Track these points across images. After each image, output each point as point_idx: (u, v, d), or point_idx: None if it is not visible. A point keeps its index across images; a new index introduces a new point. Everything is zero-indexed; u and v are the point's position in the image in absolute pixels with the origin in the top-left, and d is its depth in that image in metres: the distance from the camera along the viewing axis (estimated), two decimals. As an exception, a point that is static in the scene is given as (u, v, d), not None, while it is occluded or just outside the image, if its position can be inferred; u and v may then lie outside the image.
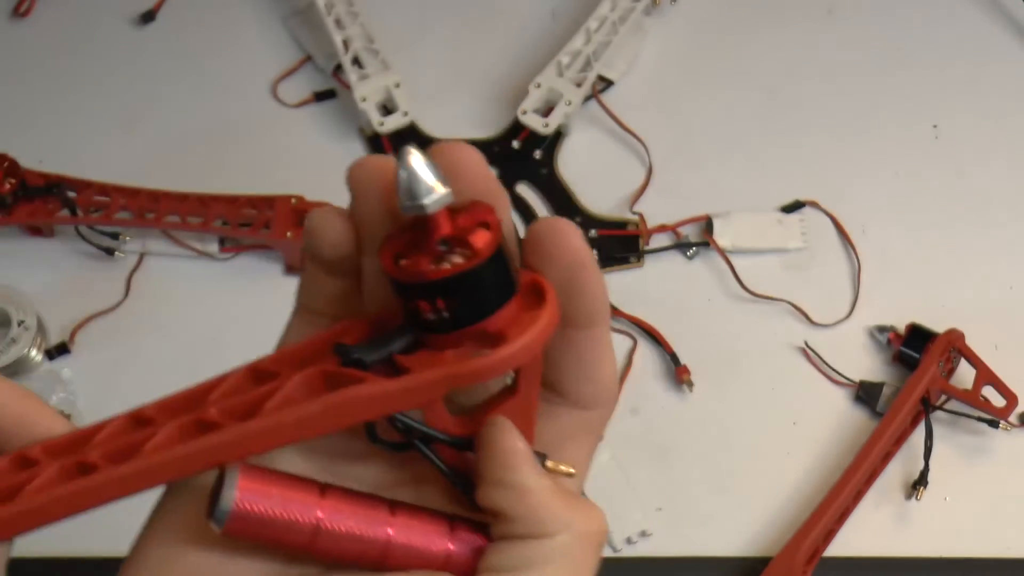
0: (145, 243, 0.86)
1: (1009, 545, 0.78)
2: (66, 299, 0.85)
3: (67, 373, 0.83)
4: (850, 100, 0.94)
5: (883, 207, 0.89)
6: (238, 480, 0.35)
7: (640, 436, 0.81)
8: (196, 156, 0.91)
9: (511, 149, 0.91)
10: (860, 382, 0.82)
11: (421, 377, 0.34)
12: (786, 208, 0.89)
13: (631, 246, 0.88)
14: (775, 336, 0.85)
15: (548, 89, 0.89)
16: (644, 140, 0.91)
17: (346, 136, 0.92)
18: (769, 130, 0.93)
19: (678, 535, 0.79)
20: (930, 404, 0.79)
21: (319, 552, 0.35)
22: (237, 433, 0.35)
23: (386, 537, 0.35)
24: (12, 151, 0.83)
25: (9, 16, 0.97)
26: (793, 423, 0.82)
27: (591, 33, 0.91)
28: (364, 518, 0.35)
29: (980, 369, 0.79)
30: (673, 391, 0.83)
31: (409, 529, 0.35)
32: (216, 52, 0.96)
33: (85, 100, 0.94)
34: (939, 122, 0.93)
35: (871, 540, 0.78)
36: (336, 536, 0.35)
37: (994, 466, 0.80)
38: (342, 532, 0.35)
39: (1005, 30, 0.97)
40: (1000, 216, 0.89)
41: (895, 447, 0.79)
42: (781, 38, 0.97)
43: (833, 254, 0.88)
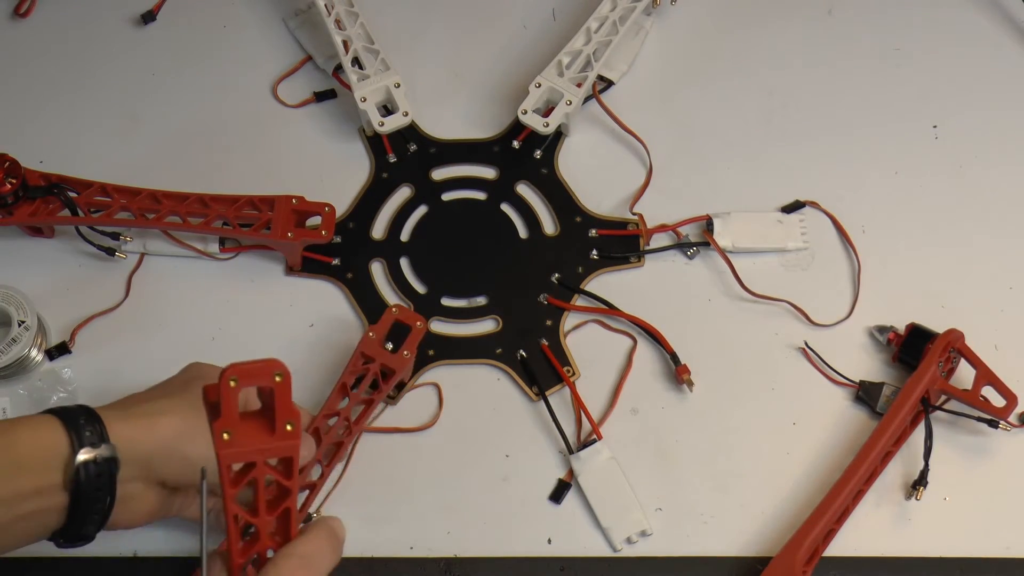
0: (146, 243, 0.87)
1: (1009, 545, 0.78)
2: (66, 299, 0.85)
3: (67, 373, 0.83)
4: (850, 100, 0.94)
5: (883, 207, 0.89)
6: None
7: (640, 436, 0.82)
8: (196, 156, 0.91)
9: (511, 149, 0.91)
10: (860, 382, 0.82)
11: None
12: (786, 208, 0.89)
13: (631, 246, 0.88)
14: (775, 336, 0.85)
15: (548, 89, 0.89)
16: (644, 140, 0.91)
17: (346, 136, 0.92)
18: (769, 130, 0.93)
19: (678, 535, 0.79)
20: (930, 404, 0.79)
21: None
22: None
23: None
24: (12, 151, 0.83)
25: (9, 16, 0.98)
26: (793, 423, 0.82)
27: (591, 33, 0.91)
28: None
29: (980, 369, 0.79)
30: (673, 391, 0.83)
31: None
32: (216, 52, 0.96)
33: (85, 100, 0.94)
34: (939, 122, 0.93)
35: (871, 540, 0.78)
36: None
37: (994, 466, 0.81)
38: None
39: (1005, 30, 0.97)
40: (1000, 216, 0.89)
41: (895, 447, 0.79)
42: (781, 38, 0.97)
43: (833, 254, 0.88)
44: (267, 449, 0.54)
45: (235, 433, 0.53)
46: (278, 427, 0.54)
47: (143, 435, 0.66)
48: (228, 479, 0.55)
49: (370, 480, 0.80)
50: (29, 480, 0.62)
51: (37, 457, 0.63)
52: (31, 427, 0.64)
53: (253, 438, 0.54)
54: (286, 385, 0.53)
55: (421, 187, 0.90)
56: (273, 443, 0.54)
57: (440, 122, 0.93)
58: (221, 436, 0.53)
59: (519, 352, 0.84)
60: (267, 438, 0.54)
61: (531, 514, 0.79)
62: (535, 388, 0.83)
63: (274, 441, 0.54)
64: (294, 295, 0.86)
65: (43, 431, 0.63)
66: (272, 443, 0.54)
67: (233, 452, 0.53)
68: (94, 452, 0.63)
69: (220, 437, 0.53)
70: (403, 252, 0.88)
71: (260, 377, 0.52)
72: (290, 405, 0.54)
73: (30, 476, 0.62)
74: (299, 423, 0.54)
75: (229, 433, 0.53)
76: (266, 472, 0.55)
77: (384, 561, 0.78)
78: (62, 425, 0.63)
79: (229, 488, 0.55)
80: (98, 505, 0.64)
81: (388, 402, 0.82)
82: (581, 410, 0.82)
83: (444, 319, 0.86)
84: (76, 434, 0.63)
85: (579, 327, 0.85)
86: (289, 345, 0.84)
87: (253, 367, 0.52)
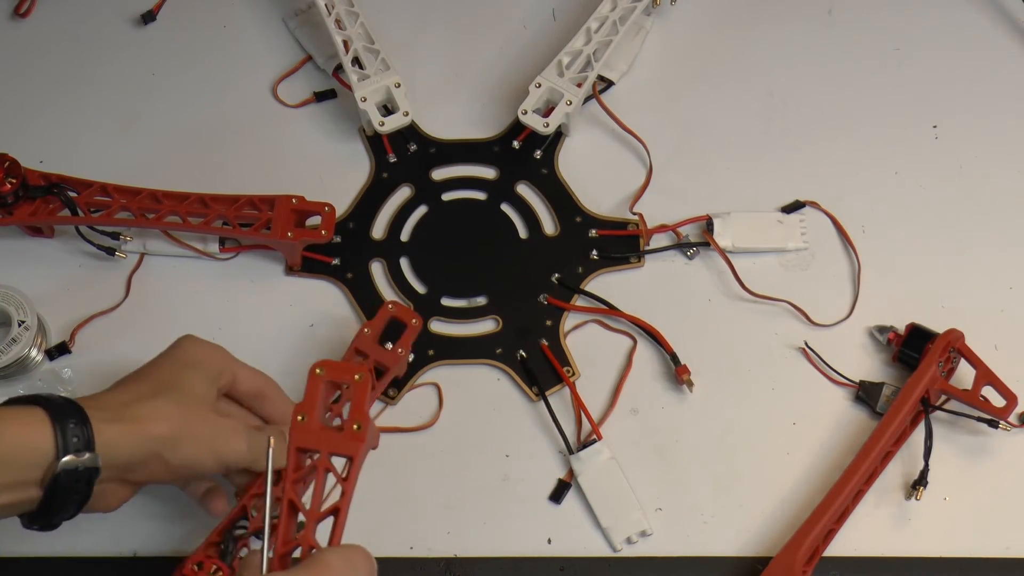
0: (146, 243, 0.87)
1: (1009, 545, 0.78)
2: (66, 299, 0.85)
3: (67, 373, 0.83)
4: (850, 100, 0.94)
5: (883, 207, 0.89)
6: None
7: (640, 436, 0.82)
8: (196, 156, 0.91)
9: (511, 149, 0.91)
10: (860, 382, 0.82)
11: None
12: (786, 208, 0.89)
13: (631, 246, 0.88)
14: (775, 336, 0.85)
15: (548, 89, 0.89)
16: (644, 140, 0.91)
17: (346, 136, 0.92)
18: (769, 130, 0.93)
19: (678, 535, 0.79)
20: (930, 404, 0.79)
21: None
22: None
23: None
24: (13, 151, 0.83)
25: (9, 16, 0.98)
26: (793, 423, 0.82)
27: (591, 33, 0.91)
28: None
29: (980, 369, 0.79)
30: (673, 391, 0.83)
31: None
32: (216, 52, 0.96)
33: (85, 100, 0.94)
34: (939, 122, 0.93)
35: (871, 540, 0.78)
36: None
37: (994, 466, 0.81)
38: None
39: (1005, 30, 0.97)
40: (1000, 216, 0.89)
41: (895, 447, 0.79)
42: (781, 38, 0.97)
43: (833, 254, 0.88)
44: (334, 442, 0.57)
45: (309, 420, 0.57)
46: (347, 426, 0.57)
47: (129, 441, 0.66)
48: (294, 461, 0.57)
49: (370, 480, 0.79)
50: (7, 474, 0.62)
51: (20, 455, 0.63)
52: (18, 421, 0.63)
53: (324, 430, 0.57)
54: (364, 386, 0.57)
55: (421, 187, 0.90)
56: (341, 439, 0.57)
57: (440, 122, 0.93)
58: (297, 418, 0.57)
59: (519, 352, 0.84)
60: (336, 434, 0.57)
61: (531, 514, 0.79)
62: (535, 388, 0.83)
63: (342, 438, 0.57)
64: (294, 295, 0.86)
65: (30, 428, 0.63)
66: (340, 439, 0.57)
67: (303, 436, 0.57)
68: (77, 460, 0.63)
69: (295, 419, 0.57)
70: (403, 252, 0.88)
71: (344, 373, 0.57)
72: (364, 408, 0.57)
73: (9, 471, 0.62)
74: (367, 429, 0.57)
75: (304, 417, 0.57)
76: (326, 465, 0.57)
77: (384, 561, 0.77)
78: (50, 425, 0.63)
79: (292, 471, 0.57)
80: (71, 503, 0.65)
81: (388, 402, 0.82)
82: (581, 410, 0.82)
83: (444, 319, 0.86)
84: (63, 437, 0.63)
85: (579, 327, 0.85)
86: (289, 345, 0.84)
87: (341, 364, 0.58)
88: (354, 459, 0.57)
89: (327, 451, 0.57)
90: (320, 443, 0.57)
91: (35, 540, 0.78)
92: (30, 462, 0.63)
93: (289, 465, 0.57)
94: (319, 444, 0.57)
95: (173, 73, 0.95)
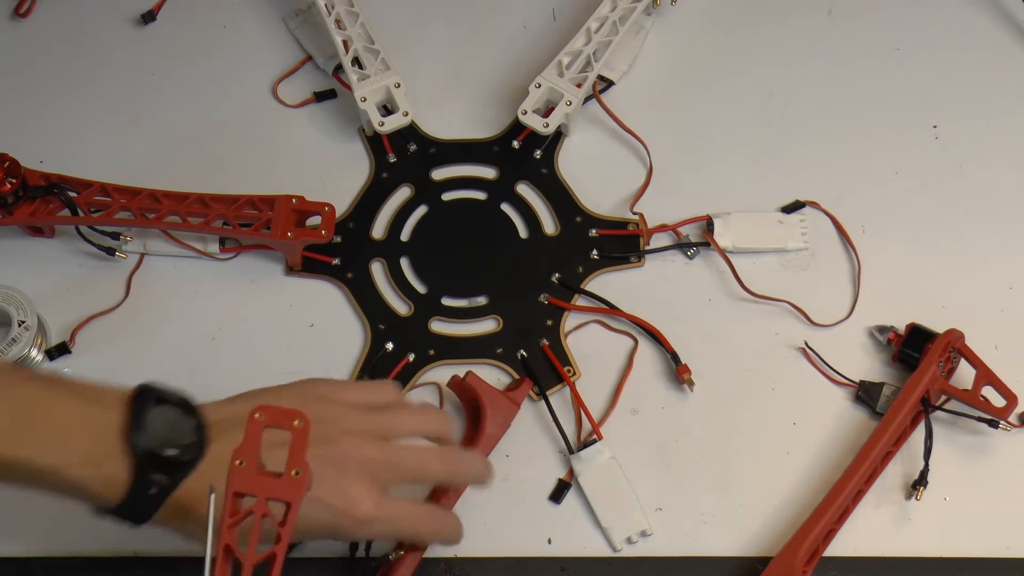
0: (146, 243, 0.87)
1: (1009, 545, 0.78)
2: (66, 299, 0.85)
3: (68, 373, 0.83)
4: (850, 100, 0.94)
5: (883, 207, 0.89)
6: None
7: (640, 436, 0.82)
8: (196, 156, 0.91)
9: (511, 149, 0.91)
10: (860, 382, 0.82)
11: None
12: (786, 208, 0.89)
13: (631, 246, 0.88)
14: (775, 336, 0.85)
15: (548, 89, 0.89)
16: (644, 140, 0.91)
17: (346, 136, 0.92)
18: (769, 130, 0.93)
19: (678, 535, 0.79)
20: (930, 404, 0.79)
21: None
22: None
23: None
24: (13, 151, 0.83)
25: (9, 16, 0.98)
26: (793, 423, 0.82)
27: (591, 33, 0.91)
28: None
29: (980, 369, 0.79)
30: (673, 391, 0.83)
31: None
32: (216, 52, 0.96)
33: (85, 100, 0.94)
34: (939, 122, 0.93)
35: (871, 540, 0.78)
36: None
37: (994, 466, 0.80)
38: None
39: (1005, 30, 0.97)
40: (1000, 216, 0.89)
41: (895, 447, 0.79)
42: (781, 38, 0.97)
43: (833, 254, 0.88)
44: (272, 487, 0.57)
45: (248, 465, 0.57)
46: (286, 472, 0.57)
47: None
48: (231, 506, 0.57)
49: (370, 480, 0.80)
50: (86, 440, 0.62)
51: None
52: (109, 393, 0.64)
53: (263, 476, 0.57)
54: (303, 433, 0.57)
55: (421, 187, 0.90)
56: (279, 484, 0.57)
57: (440, 122, 0.93)
58: (235, 462, 0.57)
59: (519, 352, 0.84)
60: (274, 479, 0.57)
61: (531, 514, 0.79)
62: (535, 388, 0.83)
63: (281, 483, 0.57)
64: (294, 295, 0.86)
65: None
66: (278, 484, 0.57)
67: (241, 480, 0.57)
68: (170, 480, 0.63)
69: (234, 463, 0.57)
70: (403, 252, 0.88)
71: (284, 419, 0.57)
72: (303, 455, 0.57)
73: (90, 437, 0.62)
74: (306, 475, 0.57)
75: (243, 462, 0.57)
76: (264, 511, 0.57)
77: (384, 561, 0.78)
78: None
79: (229, 516, 0.57)
80: (164, 480, 0.63)
81: (388, 402, 0.82)
82: (581, 410, 0.82)
83: (444, 319, 0.86)
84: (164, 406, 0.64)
85: (580, 327, 0.85)
86: (289, 345, 0.84)
87: (281, 409, 0.57)
88: (292, 505, 0.57)
89: (264, 496, 0.57)
90: (258, 488, 0.57)
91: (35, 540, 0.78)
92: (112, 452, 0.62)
93: (225, 510, 0.57)
94: (257, 489, 0.57)
95: (173, 73, 0.95)
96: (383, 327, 0.85)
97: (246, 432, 0.57)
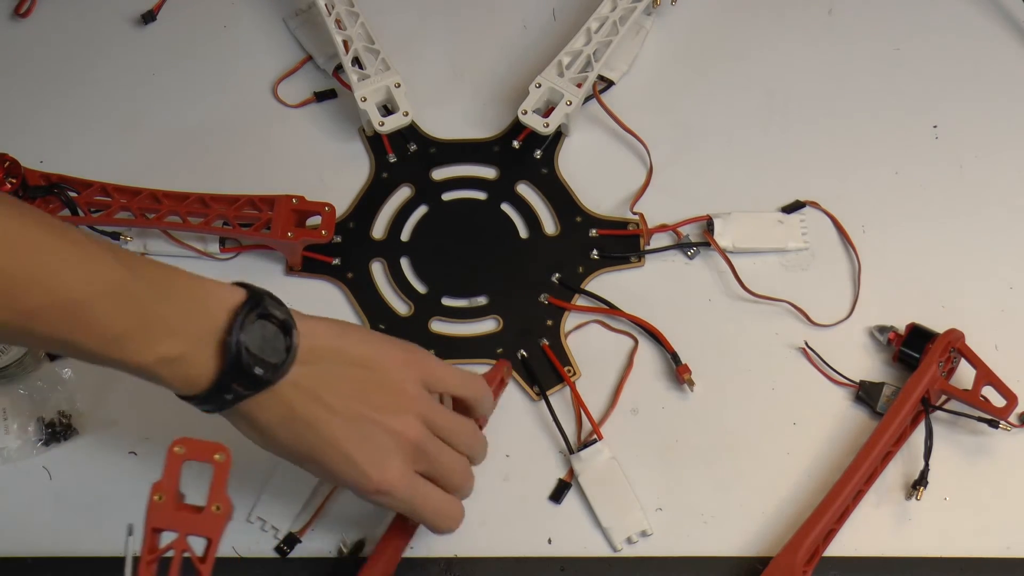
0: (146, 243, 0.87)
1: (1009, 545, 0.78)
2: (66, 299, 0.85)
3: (68, 373, 0.83)
4: (850, 100, 0.94)
5: (883, 207, 0.89)
6: None
7: (640, 436, 0.82)
8: (196, 156, 0.91)
9: (511, 149, 0.91)
10: (860, 382, 0.82)
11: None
12: (786, 208, 0.89)
13: (631, 246, 0.88)
14: (775, 336, 0.85)
15: (548, 89, 0.89)
16: (644, 140, 0.91)
17: (346, 136, 0.92)
18: (769, 130, 0.93)
19: (678, 535, 0.79)
20: (930, 404, 0.79)
21: None
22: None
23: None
24: (12, 151, 0.83)
25: (9, 16, 0.98)
26: (793, 423, 0.82)
27: (591, 33, 0.91)
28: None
29: (980, 369, 0.79)
30: (674, 391, 0.83)
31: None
32: (216, 52, 0.96)
33: (85, 100, 0.94)
34: (939, 122, 0.93)
35: (871, 540, 0.78)
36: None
37: (994, 466, 0.80)
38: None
39: (1005, 30, 0.97)
40: (1000, 216, 0.89)
41: (895, 447, 0.79)
42: (781, 39, 0.97)
43: (833, 254, 0.88)
44: (192, 522, 0.57)
45: (167, 500, 0.56)
46: (207, 507, 0.57)
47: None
48: (149, 543, 0.57)
49: (370, 480, 0.80)
50: (185, 318, 0.63)
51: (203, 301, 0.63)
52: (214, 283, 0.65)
53: (183, 511, 0.57)
54: (224, 467, 0.56)
55: (421, 187, 0.90)
56: (200, 520, 0.56)
57: (440, 122, 0.93)
58: (153, 498, 0.56)
59: (520, 352, 0.84)
60: (195, 514, 0.57)
61: (531, 514, 0.79)
62: (536, 388, 0.83)
63: (201, 518, 0.56)
64: (294, 295, 0.86)
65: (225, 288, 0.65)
66: (199, 519, 0.56)
67: (160, 516, 0.56)
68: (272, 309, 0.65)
69: (153, 499, 0.56)
70: (403, 252, 0.88)
71: (205, 452, 0.57)
72: (223, 489, 0.57)
73: (189, 315, 0.63)
74: (227, 510, 0.57)
75: (162, 497, 0.56)
76: (184, 547, 0.57)
77: (384, 561, 0.78)
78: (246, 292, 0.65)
79: (147, 553, 0.57)
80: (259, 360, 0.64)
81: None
82: (582, 410, 0.82)
83: (445, 319, 0.86)
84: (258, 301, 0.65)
85: (580, 327, 0.85)
86: (289, 345, 0.84)
87: (202, 443, 0.57)
88: (212, 541, 0.57)
89: (184, 532, 0.57)
90: (178, 524, 0.57)
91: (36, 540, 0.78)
92: (216, 309, 0.63)
93: (144, 546, 0.57)
94: (176, 525, 0.57)
95: (173, 73, 0.95)
96: (383, 327, 0.85)
97: (165, 466, 0.56)
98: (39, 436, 0.80)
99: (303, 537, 0.78)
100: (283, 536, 0.78)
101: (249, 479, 0.79)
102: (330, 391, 0.66)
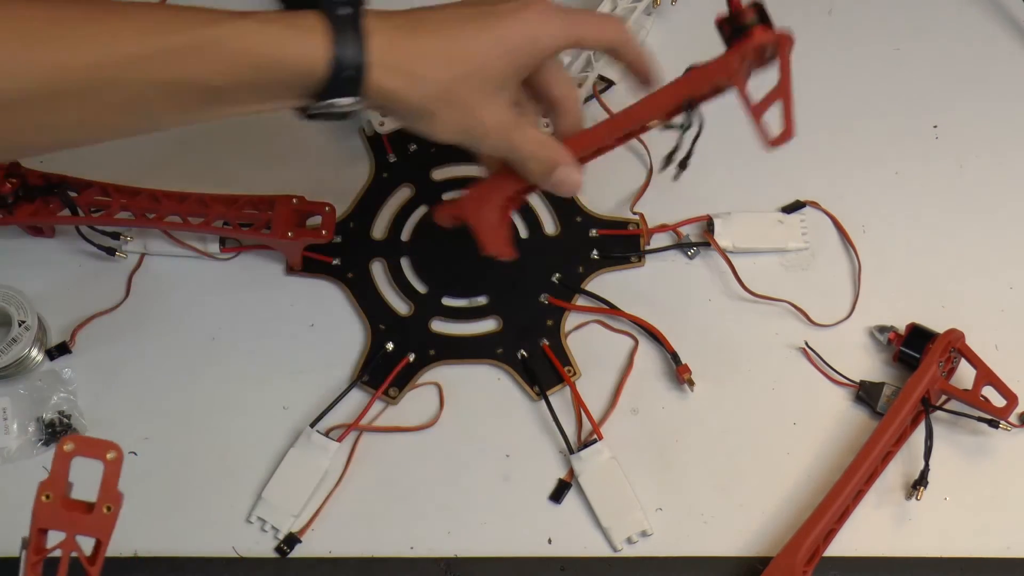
0: (146, 243, 0.86)
1: (1009, 545, 0.78)
2: (67, 299, 0.85)
3: (68, 373, 0.83)
4: (850, 100, 0.94)
5: (883, 207, 0.89)
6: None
7: (640, 436, 0.82)
8: (196, 156, 0.91)
9: (511, 149, 0.91)
10: (860, 382, 0.83)
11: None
12: (786, 208, 0.89)
13: (632, 246, 0.88)
14: (775, 336, 0.85)
15: (548, 89, 0.89)
16: (644, 140, 0.91)
17: (346, 136, 0.92)
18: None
19: (678, 535, 0.79)
20: (930, 404, 0.79)
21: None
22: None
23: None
24: (12, 151, 0.83)
25: (9, 16, 0.97)
26: (793, 423, 0.82)
27: (591, 33, 0.91)
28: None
29: (980, 369, 0.79)
30: (674, 390, 0.83)
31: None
32: (216, 52, 0.96)
33: (85, 100, 0.94)
34: (939, 121, 0.93)
35: (871, 540, 0.78)
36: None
37: (994, 466, 0.81)
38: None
39: (1005, 30, 0.97)
40: (1000, 216, 0.89)
41: (895, 447, 0.79)
42: (781, 38, 0.96)
43: (833, 254, 0.88)
44: (81, 523, 0.55)
45: (55, 499, 0.55)
46: (97, 507, 0.55)
47: (403, 94, 0.66)
48: (35, 543, 0.55)
49: (370, 480, 0.80)
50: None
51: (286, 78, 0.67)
52: (295, 36, 0.65)
53: (72, 511, 0.55)
54: (116, 465, 0.55)
55: (421, 187, 0.90)
56: (89, 520, 0.55)
57: (440, 122, 0.93)
58: (41, 497, 0.55)
59: (520, 352, 0.84)
60: (84, 514, 0.55)
61: (531, 514, 0.79)
62: (536, 388, 0.83)
63: (91, 519, 0.55)
64: (294, 295, 0.86)
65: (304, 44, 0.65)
66: (88, 520, 0.55)
67: (48, 516, 0.55)
68: (339, 104, 0.67)
69: (40, 498, 0.55)
70: (404, 252, 0.88)
71: (96, 450, 0.55)
72: (115, 489, 0.55)
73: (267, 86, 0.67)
74: (118, 510, 0.55)
75: (50, 496, 0.55)
76: (72, 548, 0.56)
77: (384, 561, 0.78)
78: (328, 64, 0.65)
79: (33, 554, 0.56)
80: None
81: (389, 401, 0.82)
82: (582, 410, 0.82)
83: (445, 319, 0.86)
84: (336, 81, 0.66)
85: (580, 327, 0.85)
86: (289, 345, 0.84)
87: (93, 441, 0.55)
88: (101, 542, 0.56)
89: (72, 532, 0.56)
90: (66, 524, 0.55)
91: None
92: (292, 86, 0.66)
93: (31, 546, 0.56)
94: (64, 525, 0.55)
95: (173, 73, 0.95)
96: (383, 327, 0.85)
97: (53, 464, 0.55)
98: (39, 436, 0.80)
99: (303, 537, 0.78)
100: (283, 536, 0.78)
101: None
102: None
